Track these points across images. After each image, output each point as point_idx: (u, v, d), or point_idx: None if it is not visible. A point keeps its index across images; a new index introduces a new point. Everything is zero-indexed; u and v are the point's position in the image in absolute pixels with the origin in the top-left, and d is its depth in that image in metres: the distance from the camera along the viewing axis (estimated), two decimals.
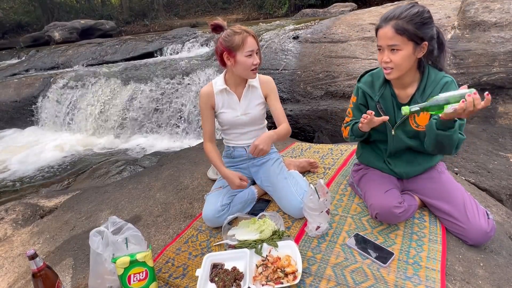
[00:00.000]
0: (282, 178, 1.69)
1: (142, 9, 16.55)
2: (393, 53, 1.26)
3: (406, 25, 1.22)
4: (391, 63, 1.28)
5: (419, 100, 1.33)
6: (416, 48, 1.25)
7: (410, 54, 1.26)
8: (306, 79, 3.63)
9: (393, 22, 1.23)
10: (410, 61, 1.28)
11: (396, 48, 1.25)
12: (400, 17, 1.23)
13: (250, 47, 1.51)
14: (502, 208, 1.74)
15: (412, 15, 1.22)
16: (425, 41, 1.25)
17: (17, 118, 5.61)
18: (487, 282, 1.22)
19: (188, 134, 4.48)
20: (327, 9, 8.80)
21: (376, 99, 1.45)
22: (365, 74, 1.52)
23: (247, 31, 1.52)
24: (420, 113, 1.26)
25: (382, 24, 1.27)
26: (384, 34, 1.26)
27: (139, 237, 1.34)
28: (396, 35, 1.23)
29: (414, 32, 1.22)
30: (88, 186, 2.91)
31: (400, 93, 1.41)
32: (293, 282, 1.20)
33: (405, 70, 1.30)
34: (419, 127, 1.39)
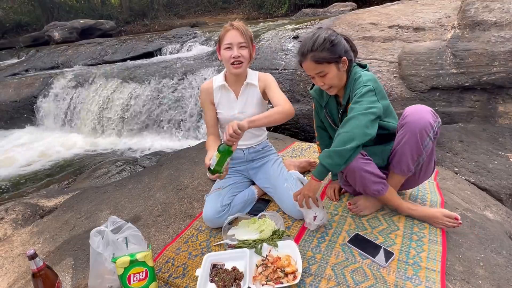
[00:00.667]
0: (283, 179, 1.69)
1: (142, 8, 16.55)
2: (323, 78, 1.41)
3: (321, 54, 1.35)
4: (326, 85, 1.43)
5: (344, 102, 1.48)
6: (338, 65, 1.39)
7: (336, 72, 1.40)
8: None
9: (310, 55, 1.37)
10: (340, 76, 1.42)
11: (323, 73, 1.39)
12: (313, 49, 1.36)
13: (229, 40, 1.53)
14: (502, 207, 1.74)
15: (322, 43, 1.35)
16: (342, 57, 1.38)
17: (17, 118, 5.62)
18: (487, 282, 1.22)
19: (188, 134, 4.48)
20: (327, 9, 8.80)
21: (323, 105, 1.61)
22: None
23: (233, 24, 1.55)
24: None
25: (302, 59, 1.41)
26: (307, 67, 1.41)
27: (139, 237, 1.34)
28: (317, 65, 1.38)
29: (330, 56, 1.36)
30: (88, 186, 2.91)
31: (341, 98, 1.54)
32: (293, 282, 1.20)
33: (340, 84, 1.45)
34: None
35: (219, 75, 1.71)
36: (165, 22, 15.20)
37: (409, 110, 1.35)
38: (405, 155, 1.37)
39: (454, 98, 2.97)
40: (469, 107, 2.91)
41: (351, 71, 1.46)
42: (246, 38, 1.55)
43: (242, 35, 1.53)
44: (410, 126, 1.32)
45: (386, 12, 4.09)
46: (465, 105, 2.94)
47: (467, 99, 2.92)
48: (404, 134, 1.34)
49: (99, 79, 5.42)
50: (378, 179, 1.44)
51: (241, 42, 1.53)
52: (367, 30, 3.79)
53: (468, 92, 2.92)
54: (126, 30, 14.46)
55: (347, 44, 1.43)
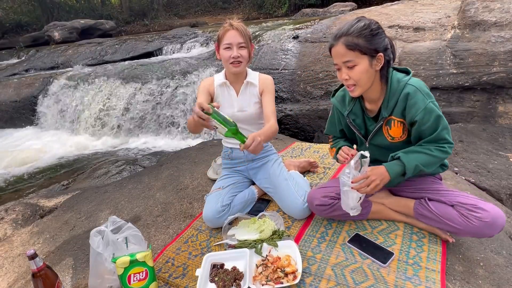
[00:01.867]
0: (283, 179, 1.69)
1: (142, 8, 16.54)
2: (350, 70, 1.24)
3: (356, 40, 1.20)
4: (351, 80, 1.26)
5: (384, 113, 1.31)
6: (372, 61, 1.23)
7: (367, 68, 1.23)
8: (306, 79, 3.63)
9: (343, 39, 1.22)
10: (369, 75, 1.25)
11: (351, 64, 1.23)
12: (349, 32, 1.21)
13: (228, 40, 1.53)
14: (502, 207, 1.74)
15: (360, 29, 1.20)
16: (379, 53, 1.22)
17: (17, 118, 5.61)
18: (487, 282, 1.22)
19: (188, 134, 4.47)
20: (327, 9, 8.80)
21: (345, 114, 1.44)
22: (339, 88, 1.51)
23: (232, 24, 1.54)
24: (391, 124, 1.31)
25: (333, 42, 1.26)
26: (336, 52, 1.25)
27: (139, 237, 1.34)
28: (348, 51, 1.21)
29: (365, 46, 1.20)
30: (88, 186, 2.91)
31: (372, 107, 1.38)
32: (293, 282, 1.20)
33: (366, 85, 1.27)
34: (394, 139, 1.37)
35: (219, 74, 1.72)
36: (165, 22, 15.19)
37: (498, 213, 1.19)
38: (446, 224, 1.27)
39: (454, 98, 2.97)
40: (469, 107, 2.92)
41: (391, 77, 1.29)
42: (245, 38, 1.55)
43: (241, 35, 1.54)
44: (489, 227, 1.18)
45: (386, 12, 4.09)
46: (465, 105, 2.94)
47: (467, 99, 2.93)
48: (474, 223, 1.19)
49: (99, 79, 5.42)
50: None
51: (241, 42, 1.54)
52: None
53: (468, 92, 2.92)
54: (126, 30, 14.45)
55: (389, 42, 1.27)
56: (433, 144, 1.27)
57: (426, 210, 1.34)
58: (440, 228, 1.35)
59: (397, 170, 1.28)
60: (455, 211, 1.25)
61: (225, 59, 1.57)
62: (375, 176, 1.27)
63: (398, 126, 1.33)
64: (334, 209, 1.46)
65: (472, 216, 1.20)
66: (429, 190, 1.39)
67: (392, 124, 1.33)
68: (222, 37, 1.56)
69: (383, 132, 1.37)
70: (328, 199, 1.46)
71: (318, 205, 1.47)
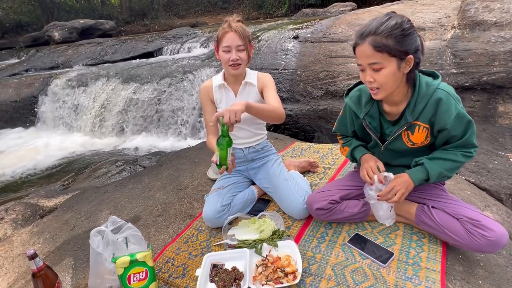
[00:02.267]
0: (283, 179, 1.69)
1: (142, 8, 16.53)
2: (375, 73, 1.14)
3: (385, 41, 1.08)
4: (376, 83, 1.16)
5: (409, 118, 1.22)
6: (400, 63, 1.12)
7: (395, 71, 1.12)
8: (306, 79, 3.63)
9: (370, 38, 1.11)
10: (396, 78, 1.15)
11: (378, 67, 1.12)
12: (378, 31, 1.09)
13: (227, 42, 1.51)
14: (502, 207, 1.74)
15: (390, 28, 1.08)
16: (410, 55, 1.11)
17: (17, 118, 5.61)
18: (487, 282, 1.22)
19: (188, 134, 4.47)
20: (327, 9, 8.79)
21: (361, 116, 1.34)
22: (354, 87, 1.41)
23: (231, 26, 1.51)
24: (414, 129, 1.24)
25: (359, 41, 1.15)
26: (362, 53, 1.14)
27: (139, 237, 1.34)
28: (376, 53, 1.10)
29: (395, 47, 1.09)
30: (88, 186, 2.91)
31: (392, 110, 1.29)
32: (293, 282, 1.20)
33: (391, 88, 1.17)
34: (414, 145, 1.30)
35: (218, 75, 1.72)
36: (165, 22, 15.19)
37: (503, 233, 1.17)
38: (449, 236, 1.25)
39: None
40: (469, 107, 2.91)
41: (419, 81, 1.20)
42: (244, 40, 1.53)
43: (240, 37, 1.52)
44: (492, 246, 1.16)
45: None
46: (465, 105, 2.94)
47: (467, 99, 2.92)
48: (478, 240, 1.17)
49: (99, 79, 5.42)
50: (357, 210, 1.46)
51: (240, 44, 1.52)
52: None
53: (468, 92, 2.92)
54: (126, 30, 14.45)
55: (420, 43, 1.15)
56: (460, 149, 1.24)
57: (429, 218, 1.32)
58: (439, 237, 1.34)
59: (421, 177, 1.26)
60: (460, 225, 1.22)
61: (224, 61, 1.56)
62: (400, 185, 1.25)
63: (422, 132, 1.24)
64: (333, 212, 1.46)
65: (478, 233, 1.17)
66: (432, 196, 1.37)
67: (416, 129, 1.25)
68: (221, 38, 1.54)
69: (402, 137, 1.30)
70: (327, 203, 1.45)
71: (318, 208, 1.46)
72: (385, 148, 1.38)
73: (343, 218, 1.49)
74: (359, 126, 1.42)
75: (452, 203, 1.31)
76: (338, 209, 1.45)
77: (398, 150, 1.35)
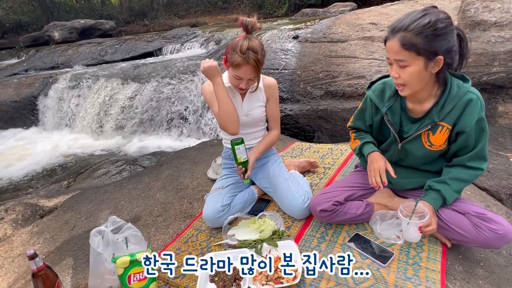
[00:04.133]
0: (283, 179, 1.69)
1: (142, 8, 16.53)
2: (401, 69, 1.12)
3: (414, 39, 1.06)
4: (400, 79, 1.14)
5: (435, 117, 1.20)
6: (428, 63, 1.09)
7: (421, 70, 1.10)
8: (306, 79, 3.63)
9: (400, 34, 1.08)
10: (422, 78, 1.13)
11: (403, 64, 1.11)
12: (408, 29, 1.06)
13: (240, 74, 1.46)
14: (502, 207, 1.74)
15: (421, 27, 1.05)
16: (439, 56, 1.07)
17: (17, 118, 5.61)
18: (487, 282, 1.22)
19: (188, 134, 4.47)
20: (327, 9, 8.80)
21: (383, 110, 1.31)
22: (377, 80, 1.38)
23: (248, 58, 1.41)
24: (437, 130, 1.21)
25: (389, 36, 1.12)
26: (390, 48, 1.12)
27: (139, 237, 1.34)
28: (403, 50, 1.08)
29: (423, 47, 1.06)
30: (88, 186, 2.91)
31: (415, 108, 1.26)
32: (293, 282, 1.20)
33: (417, 87, 1.15)
34: (432, 147, 1.27)
35: (223, 75, 1.66)
36: (165, 22, 15.18)
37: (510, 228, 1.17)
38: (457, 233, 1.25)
39: None
40: None
41: (450, 82, 1.17)
42: (259, 70, 1.49)
43: (255, 70, 1.45)
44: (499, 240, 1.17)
45: (386, 12, 4.09)
46: None
47: None
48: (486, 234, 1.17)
49: (99, 79, 5.42)
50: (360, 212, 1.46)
51: (253, 77, 1.50)
52: (367, 30, 3.78)
53: None
54: (126, 30, 14.44)
55: (456, 42, 1.10)
56: (471, 163, 1.23)
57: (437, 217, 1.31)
58: (445, 235, 1.33)
59: (440, 204, 1.27)
60: (467, 220, 1.22)
61: (233, 84, 1.55)
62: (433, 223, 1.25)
63: (444, 133, 1.22)
64: (337, 214, 1.45)
65: (486, 226, 1.17)
66: None
67: (438, 130, 1.22)
68: (234, 66, 1.45)
69: (421, 137, 1.27)
70: (331, 204, 1.44)
71: (322, 210, 1.44)
72: (401, 147, 1.34)
73: (346, 220, 1.48)
74: (377, 121, 1.39)
75: (457, 200, 1.31)
76: (341, 211, 1.45)
77: (413, 151, 1.32)
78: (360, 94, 3.27)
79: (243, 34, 1.48)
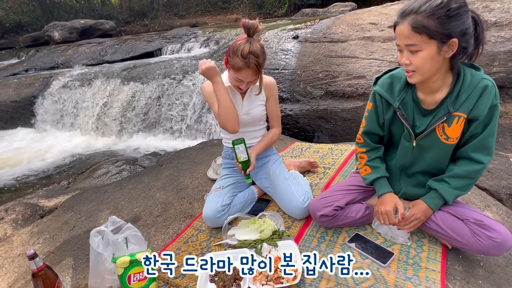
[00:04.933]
0: (283, 179, 1.69)
1: (142, 9, 16.53)
2: (412, 55, 1.06)
3: (426, 21, 0.99)
4: (412, 66, 1.08)
5: (451, 108, 1.13)
6: (441, 47, 1.02)
7: (434, 54, 1.04)
8: (306, 79, 3.63)
9: (410, 17, 1.02)
10: (435, 63, 1.06)
11: (414, 49, 1.05)
12: (419, 10, 1.00)
13: (242, 77, 1.48)
14: (502, 207, 1.74)
15: (434, 7, 0.98)
16: (453, 38, 1.01)
17: (17, 118, 5.61)
18: (487, 282, 1.22)
19: (188, 134, 4.48)
20: (327, 9, 8.79)
21: (396, 105, 1.23)
22: (383, 75, 1.31)
23: (249, 63, 1.42)
24: (452, 121, 1.14)
25: (399, 20, 1.06)
26: (400, 32, 1.06)
27: (139, 237, 1.34)
28: (414, 34, 1.02)
29: (436, 29, 0.99)
30: (88, 186, 2.91)
31: (427, 99, 1.20)
32: (293, 282, 1.20)
33: (429, 73, 1.09)
34: (448, 140, 1.19)
35: (223, 75, 1.66)
36: (165, 22, 15.18)
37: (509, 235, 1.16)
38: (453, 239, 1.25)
39: None
40: None
41: (462, 69, 1.11)
42: (259, 73, 1.50)
43: (255, 73, 1.47)
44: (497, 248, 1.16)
45: (386, 12, 4.09)
46: None
47: None
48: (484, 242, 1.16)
49: (99, 79, 5.42)
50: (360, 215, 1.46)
51: (255, 80, 1.53)
52: (367, 30, 3.79)
53: None
54: (126, 30, 14.45)
55: (471, 25, 1.02)
56: (474, 154, 1.18)
57: (432, 222, 1.30)
58: (443, 239, 1.33)
59: (439, 203, 1.26)
60: (465, 227, 1.21)
61: (232, 83, 1.57)
62: (419, 214, 1.26)
63: (460, 124, 1.15)
64: (337, 219, 1.45)
65: (483, 234, 1.16)
66: None
67: (454, 121, 1.15)
68: (237, 69, 1.46)
69: (435, 131, 1.20)
70: (332, 209, 1.42)
71: (322, 215, 1.43)
72: (416, 144, 1.26)
73: (346, 224, 1.48)
74: (388, 119, 1.31)
75: (457, 204, 1.30)
76: (341, 215, 1.44)
77: (429, 147, 1.25)
78: (360, 94, 3.27)
79: (244, 37, 1.48)
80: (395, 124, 1.31)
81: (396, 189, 1.40)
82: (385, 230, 1.42)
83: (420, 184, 1.35)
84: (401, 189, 1.40)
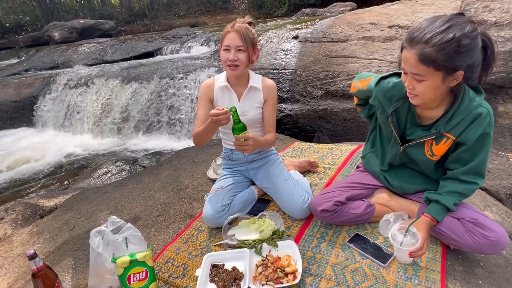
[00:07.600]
0: (283, 179, 1.68)
1: (142, 8, 16.54)
2: (417, 82, 1.06)
3: (434, 55, 0.97)
4: (415, 90, 1.09)
5: (442, 128, 1.16)
6: (446, 77, 1.02)
7: (438, 84, 1.04)
8: (306, 79, 3.63)
9: (419, 47, 1.00)
10: (437, 91, 1.07)
11: (420, 78, 1.04)
12: (429, 43, 0.97)
13: (227, 42, 1.52)
14: (502, 207, 1.74)
15: (444, 42, 0.96)
16: (459, 71, 1.01)
17: (17, 118, 5.61)
18: (487, 282, 1.22)
19: (188, 134, 4.47)
20: (327, 9, 8.79)
21: (389, 111, 1.26)
22: (388, 76, 1.29)
23: (234, 26, 1.52)
24: (441, 140, 1.18)
25: (407, 45, 1.04)
26: (407, 59, 1.05)
27: (139, 237, 1.34)
28: (420, 65, 1.01)
29: (443, 63, 0.98)
30: (88, 186, 2.91)
31: (423, 113, 1.22)
32: (293, 282, 1.20)
33: (430, 99, 1.11)
34: (433, 157, 1.25)
35: (221, 75, 1.68)
36: (165, 22, 15.18)
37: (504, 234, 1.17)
38: (450, 237, 1.25)
39: None
40: None
41: (463, 94, 1.11)
42: (246, 42, 1.51)
43: (241, 38, 1.50)
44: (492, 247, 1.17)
45: (386, 12, 4.09)
46: None
47: None
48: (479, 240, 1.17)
49: (99, 79, 5.42)
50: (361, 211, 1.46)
51: (239, 45, 1.51)
52: (367, 30, 3.79)
53: None
54: (126, 30, 14.44)
55: (480, 56, 1.02)
56: (465, 177, 1.21)
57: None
58: (440, 238, 1.33)
59: (443, 213, 1.25)
60: (460, 225, 1.22)
61: (223, 60, 1.56)
62: (428, 238, 1.23)
63: (447, 144, 1.20)
64: (338, 214, 1.45)
65: (478, 232, 1.17)
66: None
67: (443, 141, 1.19)
68: (223, 38, 1.55)
69: (423, 145, 1.25)
70: (332, 204, 1.43)
71: (323, 210, 1.43)
72: (403, 151, 1.32)
73: (347, 220, 1.48)
74: (383, 120, 1.35)
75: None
76: (342, 211, 1.44)
77: (413, 156, 1.31)
78: None
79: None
80: (386, 127, 1.37)
81: (381, 179, 1.50)
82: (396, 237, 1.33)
83: (411, 181, 1.42)
84: (391, 181, 1.46)
